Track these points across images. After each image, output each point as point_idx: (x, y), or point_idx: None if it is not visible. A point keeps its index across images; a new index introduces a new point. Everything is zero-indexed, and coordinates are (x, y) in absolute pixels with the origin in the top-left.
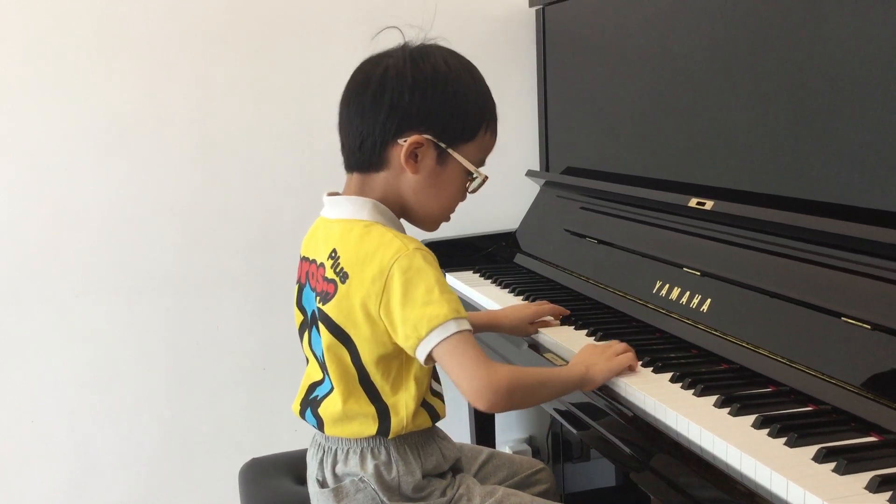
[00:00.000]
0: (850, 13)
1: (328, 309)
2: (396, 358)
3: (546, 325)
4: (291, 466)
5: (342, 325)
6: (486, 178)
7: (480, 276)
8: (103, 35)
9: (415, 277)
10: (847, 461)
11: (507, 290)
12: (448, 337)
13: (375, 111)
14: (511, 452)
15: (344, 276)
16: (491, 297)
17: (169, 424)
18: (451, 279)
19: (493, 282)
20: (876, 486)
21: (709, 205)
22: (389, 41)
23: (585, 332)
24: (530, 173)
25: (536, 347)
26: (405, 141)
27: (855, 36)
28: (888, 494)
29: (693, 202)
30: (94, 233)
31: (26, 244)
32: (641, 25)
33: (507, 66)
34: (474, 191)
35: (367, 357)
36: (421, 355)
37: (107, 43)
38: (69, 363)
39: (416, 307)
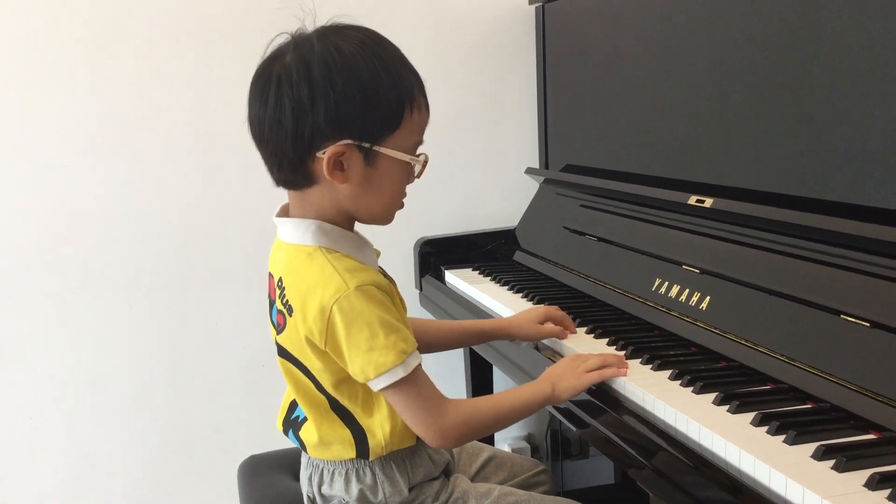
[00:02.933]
0: (850, 10)
1: (282, 340)
2: (358, 381)
3: (561, 333)
4: (290, 463)
5: (297, 357)
6: (427, 158)
7: (479, 273)
8: (101, 31)
9: (357, 320)
10: (846, 458)
11: (507, 287)
12: (395, 383)
13: (282, 129)
14: (510, 450)
15: (290, 310)
16: (490, 295)
17: (167, 421)
18: (451, 277)
19: (493, 279)
20: (875, 484)
21: (708, 202)
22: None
23: (585, 329)
24: (529, 171)
25: (535, 345)
26: (324, 153)
27: (854, 33)
28: (887, 492)
29: (692, 199)
30: (93, 229)
31: (24, 241)
32: (641, 23)
33: (507, 63)
34: (419, 175)
35: (328, 385)
36: (373, 388)
37: (105, 39)
38: (67, 359)
39: (360, 352)
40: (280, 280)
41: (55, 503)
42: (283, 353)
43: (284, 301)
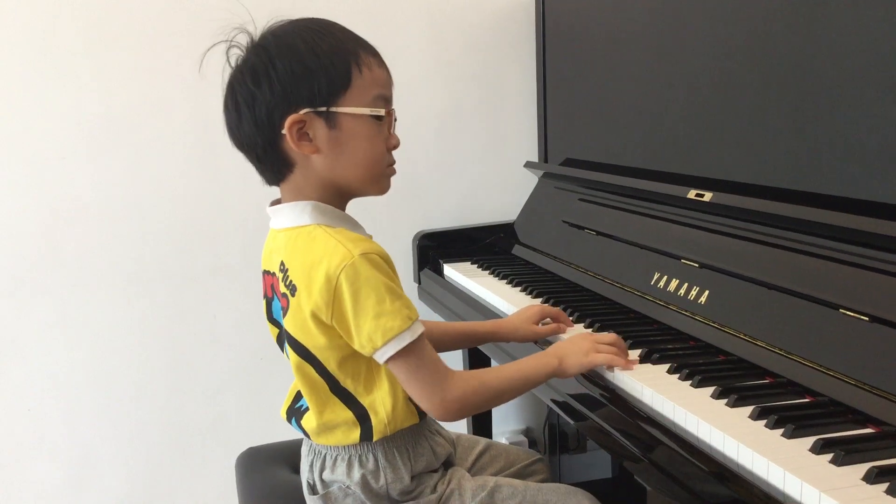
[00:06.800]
0: (850, 4)
1: (286, 324)
2: (362, 357)
3: (558, 329)
4: (288, 456)
5: (299, 339)
6: (392, 110)
7: (478, 267)
8: (101, 25)
9: (363, 287)
10: (844, 452)
11: (505, 281)
12: (402, 349)
13: (242, 119)
14: (508, 443)
15: (293, 289)
16: (488, 288)
17: (166, 415)
18: (449, 270)
19: (491, 273)
20: (873, 477)
21: (707, 196)
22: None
23: (583, 324)
24: (529, 164)
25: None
26: (286, 128)
27: (854, 27)
28: (885, 486)
29: (692, 193)
30: (92, 225)
31: (23, 237)
32: (641, 16)
33: (507, 56)
34: (391, 129)
35: (332, 364)
36: (379, 360)
37: (104, 33)
38: (66, 355)
39: (368, 319)
40: (282, 263)
41: (55, 497)
42: (288, 338)
43: (288, 283)
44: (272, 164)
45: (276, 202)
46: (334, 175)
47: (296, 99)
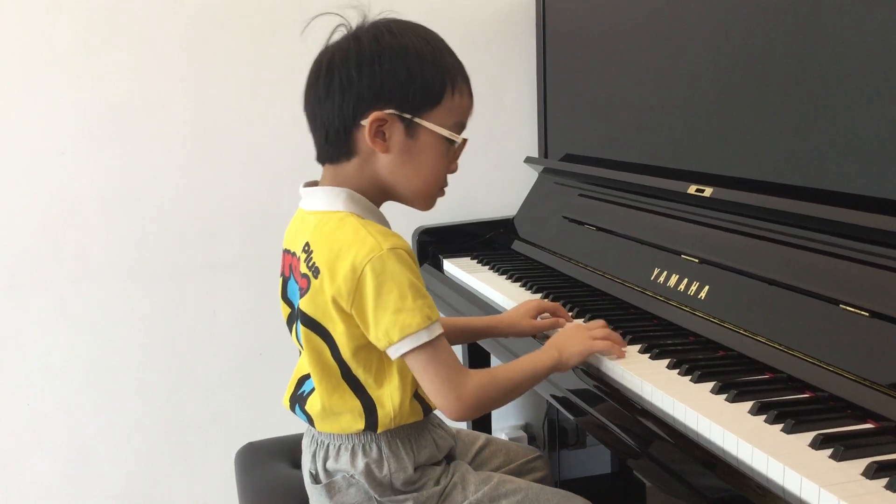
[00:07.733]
0: (852, 2)
1: (303, 304)
2: (375, 350)
3: (557, 324)
4: (287, 451)
5: (318, 320)
6: (465, 140)
7: (478, 262)
8: (100, 20)
9: (388, 281)
10: (844, 448)
11: (505, 276)
12: (418, 347)
13: (330, 98)
14: (507, 439)
15: (316, 271)
16: (488, 284)
17: (166, 410)
18: (449, 266)
19: (491, 268)
20: (873, 473)
21: (708, 192)
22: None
23: (583, 319)
24: (529, 160)
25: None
26: (367, 121)
27: (854, 23)
28: (885, 481)
29: (692, 189)
30: (91, 220)
31: (22, 234)
32: (641, 12)
33: (507, 52)
34: (456, 156)
35: (346, 351)
36: (392, 356)
37: (104, 29)
38: (66, 351)
39: (388, 313)
40: (306, 245)
41: (54, 492)
42: (303, 318)
43: (311, 264)
44: (337, 145)
45: (311, 184)
46: (392, 178)
47: (387, 98)
